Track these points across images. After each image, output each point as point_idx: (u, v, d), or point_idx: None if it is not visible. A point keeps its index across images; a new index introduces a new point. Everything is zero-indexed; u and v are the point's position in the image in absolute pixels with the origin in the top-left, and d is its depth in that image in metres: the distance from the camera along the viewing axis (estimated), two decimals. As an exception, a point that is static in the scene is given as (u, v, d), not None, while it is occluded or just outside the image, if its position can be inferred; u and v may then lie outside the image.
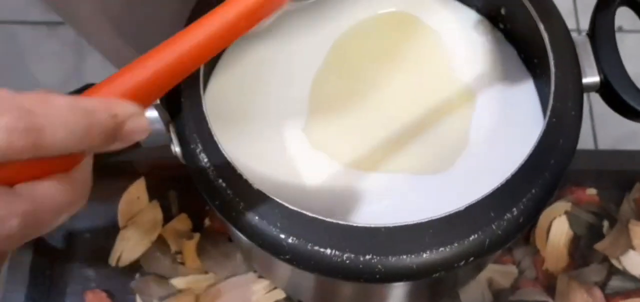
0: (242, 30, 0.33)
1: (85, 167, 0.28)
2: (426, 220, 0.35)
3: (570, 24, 0.42)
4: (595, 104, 1.15)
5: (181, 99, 0.39)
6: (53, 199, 0.26)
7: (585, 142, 1.15)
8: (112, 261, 0.55)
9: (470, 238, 0.35)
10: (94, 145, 0.26)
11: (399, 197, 0.40)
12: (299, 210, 0.35)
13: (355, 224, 0.35)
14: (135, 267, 0.55)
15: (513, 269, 0.54)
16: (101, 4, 0.60)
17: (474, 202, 0.35)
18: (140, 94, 0.29)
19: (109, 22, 0.62)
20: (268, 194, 0.36)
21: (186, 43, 0.31)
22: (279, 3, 0.34)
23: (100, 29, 0.63)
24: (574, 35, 0.42)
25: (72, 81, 1.32)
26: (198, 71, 0.40)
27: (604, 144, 1.16)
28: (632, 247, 0.55)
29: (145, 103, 0.30)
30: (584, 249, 0.55)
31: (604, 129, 1.16)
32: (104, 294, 0.55)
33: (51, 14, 1.38)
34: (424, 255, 0.34)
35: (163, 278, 0.55)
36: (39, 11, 1.39)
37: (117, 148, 0.28)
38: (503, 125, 0.43)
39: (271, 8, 0.34)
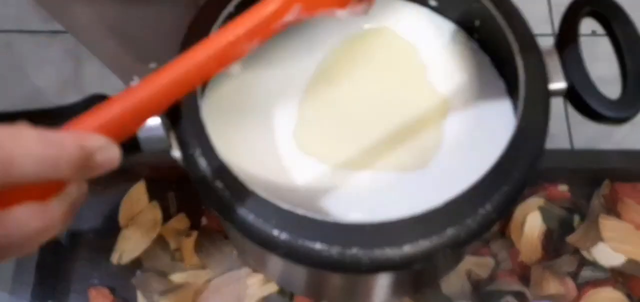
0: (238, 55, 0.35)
1: (66, 197, 0.29)
2: (407, 216, 0.36)
3: (546, 29, 0.44)
4: (570, 106, 1.17)
5: (181, 108, 0.41)
6: (24, 225, 0.27)
7: (561, 142, 1.18)
8: (114, 258, 0.57)
9: (447, 231, 0.37)
10: (64, 175, 0.27)
11: (381, 194, 0.42)
12: (291, 208, 0.37)
13: (342, 221, 0.37)
14: (136, 264, 0.57)
15: (490, 261, 0.56)
16: (100, 12, 0.60)
17: (450, 199, 0.37)
18: (124, 121, 0.32)
19: (109, 30, 0.62)
20: (262, 194, 0.37)
21: (182, 66, 0.34)
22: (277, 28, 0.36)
23: (99, 37, 0.63)
24: (542, 44, 0.44)
25: (71, 89, 1.32)
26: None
27: (579, 143, 1.18)
28: (602, 240, 0.57)
29: (135, 125, 0.33)
30: (556, 242, 0.57)
31: (579, 130, 1.18)
32: (106, 290, 0.56)
33: (50, 23, 1.38)
34: (405, 248, 0.36)
35: (163, 274, 0.56)
36: (38, 20, 1.38)
37: (91, 177, 0.29)
38: (477, 128, 0.45)
39: (267, 34, 0.35)
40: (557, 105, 0.44)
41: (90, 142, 0.29)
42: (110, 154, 0.30)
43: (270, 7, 0.35)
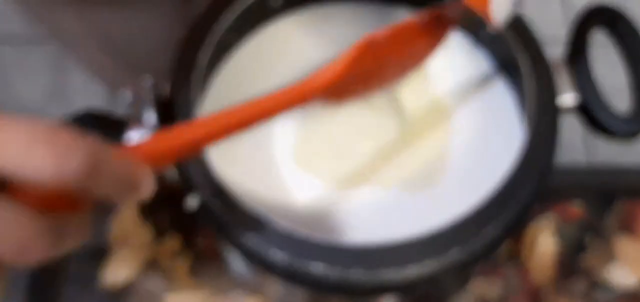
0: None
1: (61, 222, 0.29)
2: (410, 237, 0.38)
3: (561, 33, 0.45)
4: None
5: (176, 123, 0.42)
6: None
7: (577, 155, 1.19)
8: (105, 280, 0.58)
9: (452, 253, 0.38)
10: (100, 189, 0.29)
11: (383, 213, 0.43)
12: (291, 229, 0.38)
13: (343, 242, 0.38)
14: (128, 286, 0.57)
15: (500, 283, 0.57)
16: (88, 21, 0.61)
17: (456, 219, 0.38)
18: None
19: (96, 39, 0.63)
20: (260, 213, 0.39)
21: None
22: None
23: (87, 46, 0.65)
24: (552, 58, 0.46)
25: (55, 98, 1.33)
26: (191, 96, 0.43)
27: (597, 157, 1.19)
28: (616, 260, 0.58)
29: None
30: (568, 262, 0.58)
31: (596, 143, 1.19)
32: (98, 313, 0.57)
33: (34, 31, 1.39)
34: (408, 269, 0.38)
35: (156, 296, 0.57)
36: (22, 28, 1.40)
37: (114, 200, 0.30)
38: (484, 144, 0.46)
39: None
40: (574, 118, 0.46)
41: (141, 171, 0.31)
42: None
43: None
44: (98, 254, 0.59)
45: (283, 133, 0.47)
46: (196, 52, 0.45)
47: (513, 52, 0.45)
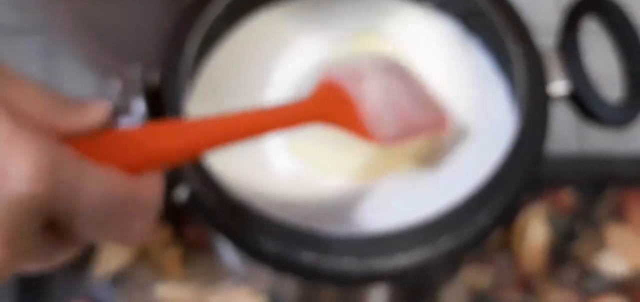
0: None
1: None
2: (400, 226, 0.38)
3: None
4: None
5: (165, 112, 0.42)
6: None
7: (569, 145, 1.19)
8: (97, 271, 0.58)
9: (442, 241, 0.38)
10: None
11: (374, 202, 0.43)
12: (282, 219, 0.38)
13: (334, 232, 0.38)
14: (119, 277, 0.58)
15: (492, 271, 0.58)
16: (77, 7, 0.61)
17: (446, 208, 0.38)
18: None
19: (85, 26, 0.63)
20: (251, 203, 0.39)
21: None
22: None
23: (76, 33, 0.64)
24: (543, 47, 0.45)
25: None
26: (180, 85, 0.43)
27: (590, 147, 1.19)
28: (607, 248, 0.58)
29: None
30: (559, 251, 0.59)
31: (589, 133, 1.19)
32: (89, 304, 0.57)
33: (23, 19, 1.38)
34: (398, 258, 0.38)
35: (147, 287, 0.57)
36: (12, 17, 1.39)
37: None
38: (476, 133, 0.46)
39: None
40: (566, 106, 0.45)
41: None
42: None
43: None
44: (89, 244, 0.59)
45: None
46: (185, 41, 0.45)
47: (504, 41, 0.45)
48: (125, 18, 0.62)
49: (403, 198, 0.44)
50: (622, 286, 0.57)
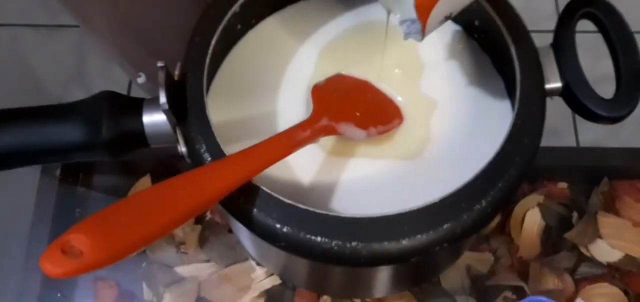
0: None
1: None
2: (405, 211, 0.38)
3: (553, 25, 0.46)
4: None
5: (187, 105, 0.43)
6: None
7: (567, 140, 1.19)
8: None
9: (444, 226, 0.39)
10: None
11: (380, 186, 0.44)
12: (293, 203, 0.39)
13: (342, 215, 0.39)
14: (141, 257, 0.59)
15: (490, 257, 0.58)
16: (111, 3, 0.61)
17: (448, 194, 0.39)
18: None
19: (118, 22, 0.63)
20: (265, 188, 0.39)
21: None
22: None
23: (109, 29, 0.65)
24: (542, 42, 0.46)
25: (74, 83, 1.34)
26: (201, 77, 0.44)
27: (585, 141, 1.19)
28: (600, 236, 0.59)
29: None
30: (555, 238, 0.59)
31: (585, 128, 1.19)
32: (112, 282, 0.58)
33: (54, 17, 1.40)
34: (403, 241, 0.38)
35: (168, 266, 0.58)
36: (43, 14, 1.40)
37: None
38: (476, 125, 0.47)
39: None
40: (564, 103, 0.46)
41: None
42: None
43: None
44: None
45: (287, 113, 0.48)
46: (207, 38, 0.45)
47: (503, 39, 0.45)
48: (155, 14, 0.63)
49: (409, 187, 0.44)
50: (614, 271, 0.57)
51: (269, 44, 0.51)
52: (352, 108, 0.47)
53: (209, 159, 0.41)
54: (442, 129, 0.47)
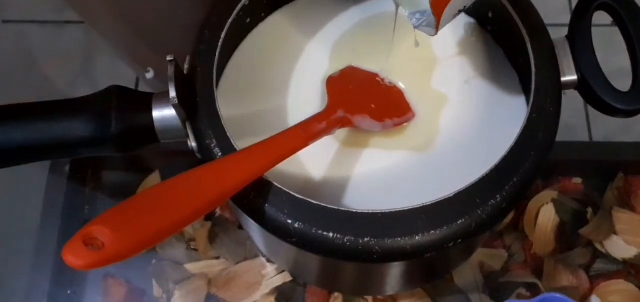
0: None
1: None
2: (419, 206, 0.38)
3: (566, 19, 0.45)
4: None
5: (197, 99, 0.42)
6: None
7: (580, 134, 1.18)
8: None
9: (458, 222, 0.38)
10: None
11: (394, 182, 0.44)
12: (304, 198, 0.39)
13: (354, 210, 0.38)
14: (151, 254, 0.59)
15: (503, 253, 0.58)
16: (120, 6, 0.61)
17: (462, 189, 0.39)
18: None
19: (124, 18, 0.63)
20: (276, 183, 0.39)
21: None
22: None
23: (115, 25, 0.64)
24: (557, 35, 0.45)
25: (81, 80, 1.34)
26: (211, 71, 0.44)
27: (598, 136, 1.18)
28: (615, 232, 0.58)
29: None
30: (569, 234, 0.59)
31: (598, 122, 1.18)
32: (122, 280, 0.58)
33: (61, 13, 1.40)
34: (417, 237, 0.38)
35: (178, 264, 0.58)
36: (49, 10, 1.40)
37: None
38: (491, 119, 0.46)
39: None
40: (577, 98, 0.46)
41: None
42: None
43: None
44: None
45: (298, 107, 0.48)
46: (216, 32, 0.45)
47: (518, 31, 0.45)
48: (161, 10, 0.62)
49: (421, 181, 0.44)
50: (630, 267, 0.57)
51: (278, 37, 0.50)
52: (368, 100, 0.47)
53: (220, 153, 0.41)
54: (456, 122, 0.46)
